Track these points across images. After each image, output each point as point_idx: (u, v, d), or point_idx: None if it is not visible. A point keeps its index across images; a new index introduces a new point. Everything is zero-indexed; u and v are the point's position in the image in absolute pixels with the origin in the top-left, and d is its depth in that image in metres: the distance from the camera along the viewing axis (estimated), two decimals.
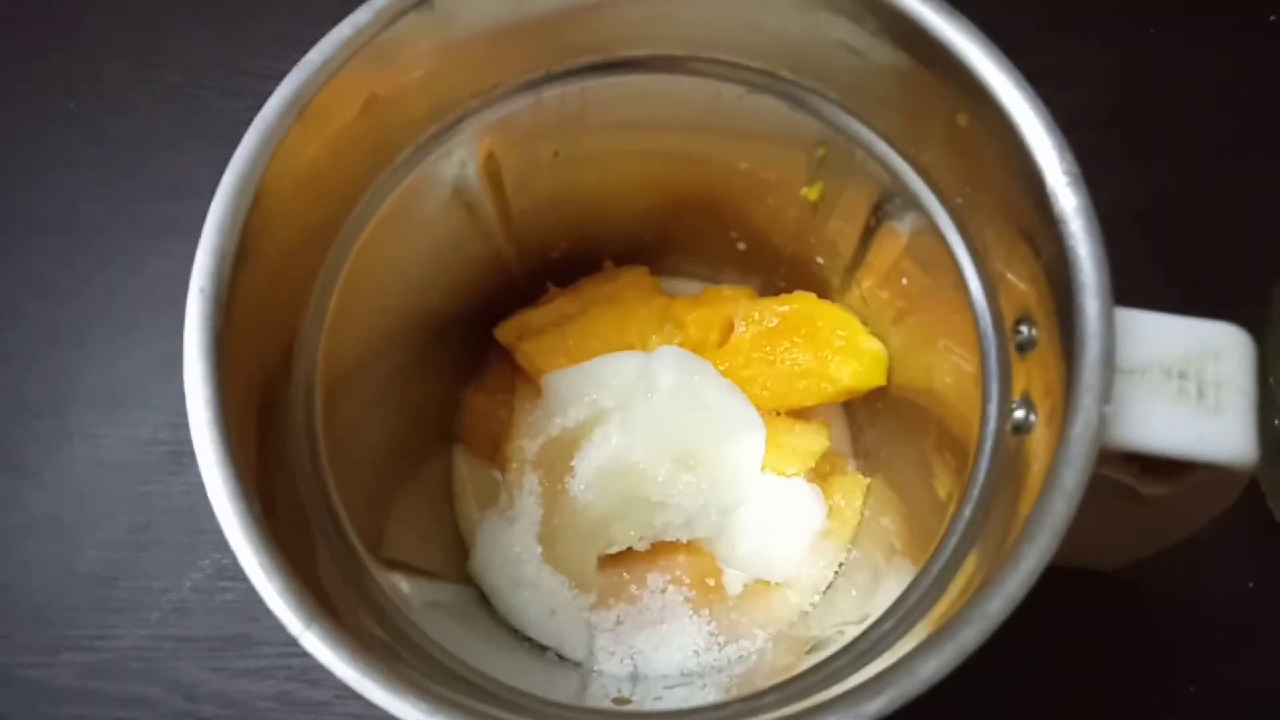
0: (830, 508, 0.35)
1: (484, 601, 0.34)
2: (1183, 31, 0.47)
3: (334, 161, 0.25)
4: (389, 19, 0.24)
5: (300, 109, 0.23)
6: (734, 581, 0.35)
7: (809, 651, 0.28)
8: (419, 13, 0.25)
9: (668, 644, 0.33)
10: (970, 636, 0.19)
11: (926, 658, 0.19)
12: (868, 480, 0.36)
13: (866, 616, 0.26)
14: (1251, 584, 0.39)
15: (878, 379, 0.34)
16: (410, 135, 0.28)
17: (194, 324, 0.22)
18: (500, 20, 0.26)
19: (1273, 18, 0.47)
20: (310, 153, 0.24)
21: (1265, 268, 0.40)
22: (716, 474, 0.33)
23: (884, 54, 0.25)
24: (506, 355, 0.38)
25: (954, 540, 0.25)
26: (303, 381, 0.27)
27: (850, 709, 0.19)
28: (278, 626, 0.38)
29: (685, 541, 0.35)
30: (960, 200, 0.27)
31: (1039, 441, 0.23)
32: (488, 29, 0.26)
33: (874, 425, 0.36)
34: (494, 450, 0.37)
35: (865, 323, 0.35)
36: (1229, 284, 0.43)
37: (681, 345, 0.35)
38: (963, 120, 0.25)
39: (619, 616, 0.34)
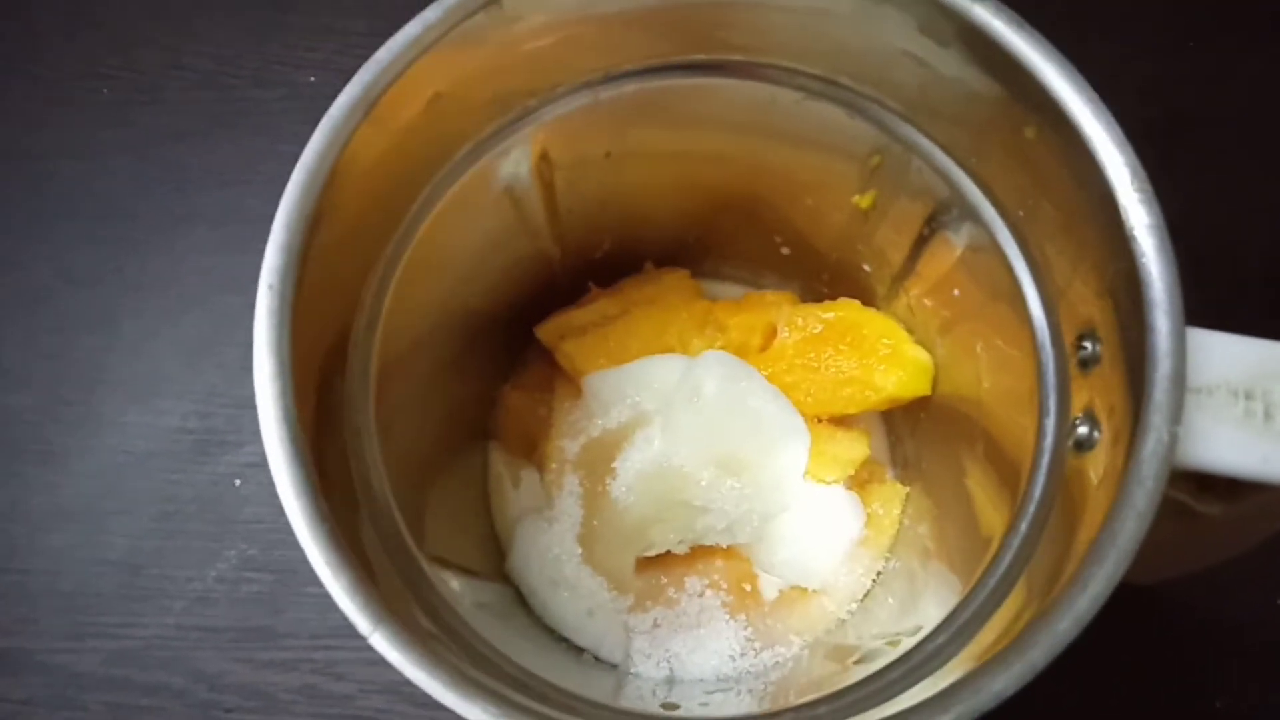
0: (869, 516, 0.35)
1: (521, 602, 0.34)
2: (1221, 44, 0.47)
3: (397, 159, 0.25)
4: (458, 18, 0.24)
5: (368, 106, 0.23)
6: (769, 587, 0.35)
7: (857, 662, 0.28)
8: (487, 12, 0.24)
9: (704, 648, 0.33)
10: (1039, 655, 0.19)
11: (995, 675, 0.19)
12: (906, 489, 0.36)
13: (919, 628, 0.26)
14: None
15: (923, 388, 0.34)
16: (470, 133, 0.28)
17: (263, 320, 0.22)
18: (565, 21, 0.26)
19: None
20: (376, 150, 0.24)
21: None
22: (760, 479, 0.33)
23: (950, 65, 0.25)
24: (545, 355, 0.38)
25: (1008, 556, 0.25)
26: (357, 377, 0.27)
27: None
28: (303, 619, 0.40)
29: (724, 546, 0.35)
30: (1021, 213, 0.27)
31: (1101, 459, 0.23)
32: (552, 29, 0.26)
33: (914, 435, 0.36)
34: (530, 449, 0.37)
35: (911, 331, 0.35)
36: (1263, 300, 0.42)
37: (723, 349, 0.35)
38: (1030, 133, 0.25)
39: (656, 619, 0.34)
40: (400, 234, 0.27)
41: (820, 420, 0.35)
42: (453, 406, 0.35)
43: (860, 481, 0.36)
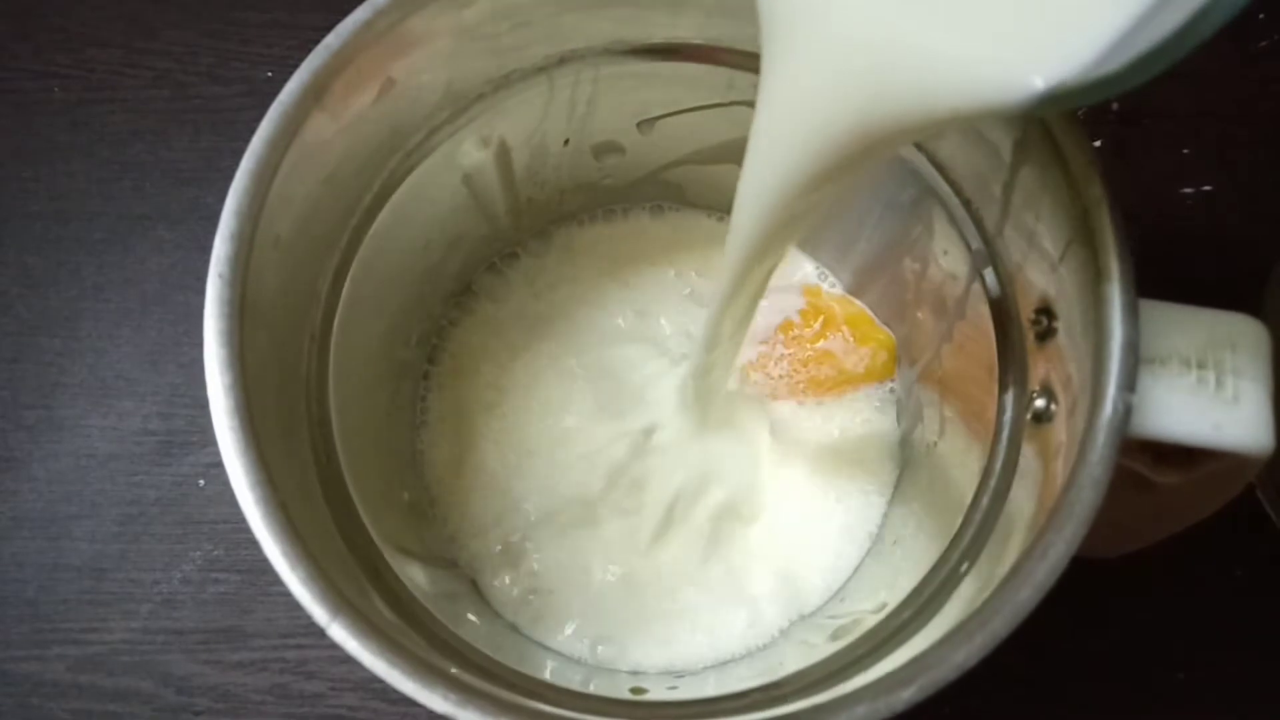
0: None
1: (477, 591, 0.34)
2: None
3: (350, 146, 0.25)
4: (408, 3, 0.24)
5: (318, 93, 0.23)
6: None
7: (830, 639, 0.28)
8: None
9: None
10: (1001, 625, 0.20)
11: (958, 645, 0.19)
12: (890, 467, 0.36)
13: (885, 605, 0.26)
14: (1239, 572, 0.39)
15: (889, 372, 0.34)
16: (424, 121, 0.28)
17: (213, 309, 0.22)
18: (518, 6, 0.26)
19: (1261, 15, 0.47)
20: (326, 137, 0.24)
21: (1253, 271, 0.40)
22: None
23: None
24: None
25: (971, 531, 0.25)
26: (315, 370, 0.26)
27: (883, 697, 0.19)
28: (271, 619, 0.39)
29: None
30: (976, 192, 0.27)
31: (1059, 431, 0.23)
32: (505, 14, 0.26)
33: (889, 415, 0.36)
34: None
35: (875, 312, 0.35)
36: (1216, 286, 0.43)
37: None
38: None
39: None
40: (355, 224, 0.27)
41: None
42: (413, 400, 0.35)
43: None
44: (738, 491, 0.35)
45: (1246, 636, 0.38)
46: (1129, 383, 0.21)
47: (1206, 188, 0.45)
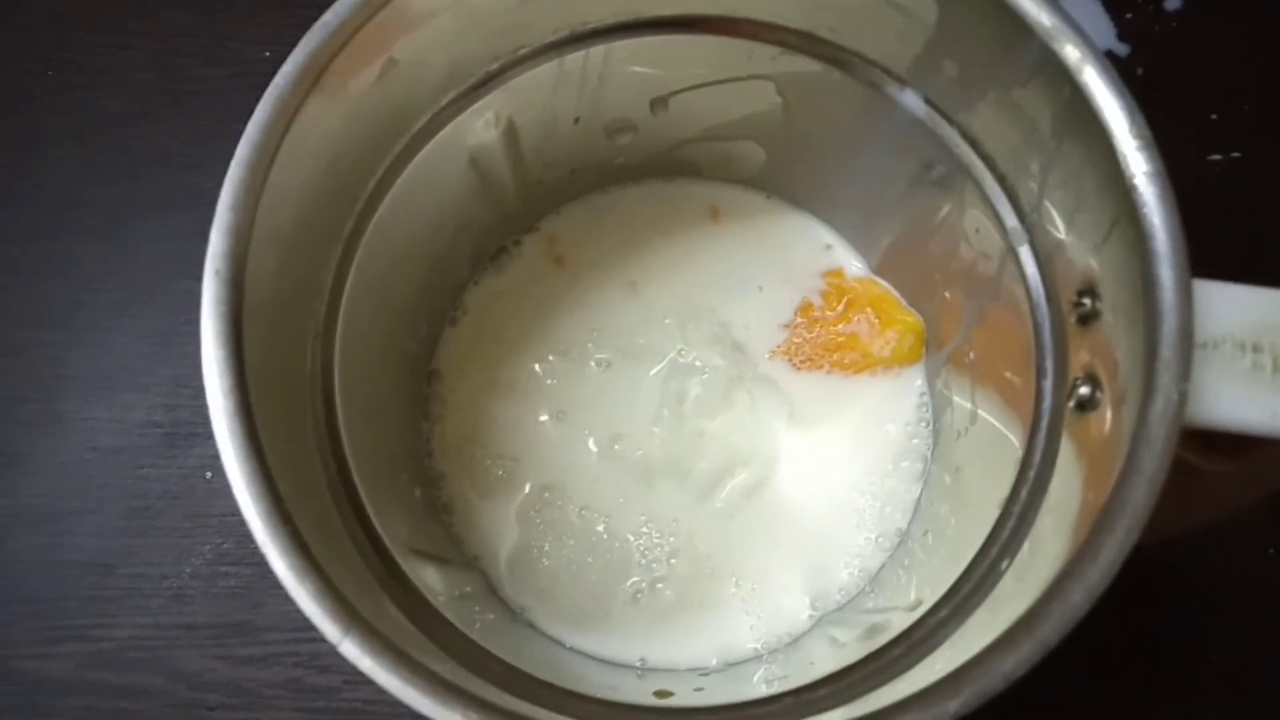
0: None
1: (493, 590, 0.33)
2: (1190, 4, 0.46)
3: (350, 131, 0.24)
4: None
5: (316, 75, 0.22)
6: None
7: (861, 639, 0.27)
8: None
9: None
10: (1050, 632, 0.19)
11: (1005, 654, 0.18)
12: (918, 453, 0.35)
13: (920, 603, 0.25)
14: (1272, 550, 0.38)
15: (916, 355, 0.33)
16: (428, 101, 0.26)
17: (210, 309, 0.20)
18: None
19: None
20: (326, 122, 0.23)
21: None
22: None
23: (934, 13, 0.24)
24: None
25: (1010, 523, 0.24)
26: (320, 368, 0.25)
27: (929, 708, 0.18)
28: (284, 612, 0.39)
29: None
30: (1011, 166, 0.26)
31: (1106, 421, 0.22)
32: None
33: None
34: None
35: (902, 292, 0.34)
36: (1247, 258, 0.42)
37: None
38: (1021, 84, 0.23)
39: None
40: (359, 212, 0.26)
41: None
42: (423, 391, 0.34)
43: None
44: (761, 476, 0.34)
45: None
46: (1184, 372, 0.19)
47: (1235, 154, 0.44)
